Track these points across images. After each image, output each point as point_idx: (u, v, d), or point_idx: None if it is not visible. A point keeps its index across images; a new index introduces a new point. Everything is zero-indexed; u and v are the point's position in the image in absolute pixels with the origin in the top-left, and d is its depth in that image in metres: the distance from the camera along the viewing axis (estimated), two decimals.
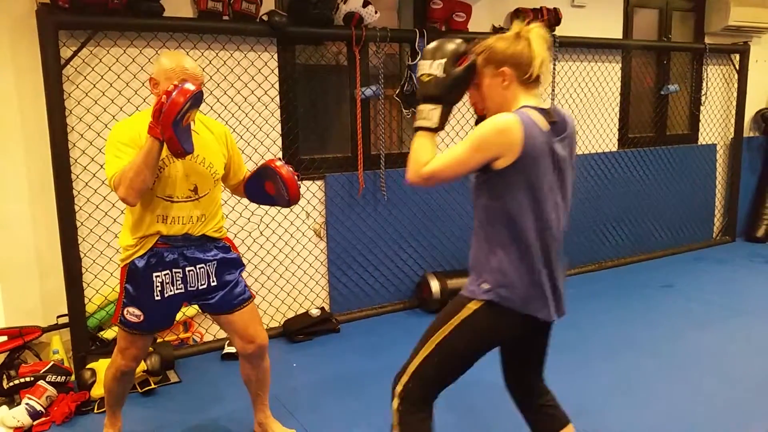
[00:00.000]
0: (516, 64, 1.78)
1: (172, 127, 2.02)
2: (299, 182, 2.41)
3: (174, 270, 2.35)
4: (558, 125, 1.79)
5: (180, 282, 2.37)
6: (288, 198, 2.41)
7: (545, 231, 1.82)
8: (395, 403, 1.89)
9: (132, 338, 2.41)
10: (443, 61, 1.80)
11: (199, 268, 2.39)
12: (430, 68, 1.82)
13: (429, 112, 1.82)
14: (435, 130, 1.83)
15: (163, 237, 2.31)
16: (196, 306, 2.61)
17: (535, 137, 1.71)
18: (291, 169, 2.41)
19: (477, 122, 1.93)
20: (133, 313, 2.35)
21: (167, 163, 2.25)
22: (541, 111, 1.77)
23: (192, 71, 2.25)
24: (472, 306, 1.81)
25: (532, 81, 1.81)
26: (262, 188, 2.48)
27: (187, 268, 2.36)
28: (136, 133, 2.21)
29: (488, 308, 1.80)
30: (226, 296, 2.45)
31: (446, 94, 1.82)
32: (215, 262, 2.42)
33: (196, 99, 2.10)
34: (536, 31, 1.79)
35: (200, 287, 2.40)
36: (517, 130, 1.68)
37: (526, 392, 2.09)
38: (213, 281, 2.43)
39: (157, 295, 2.33)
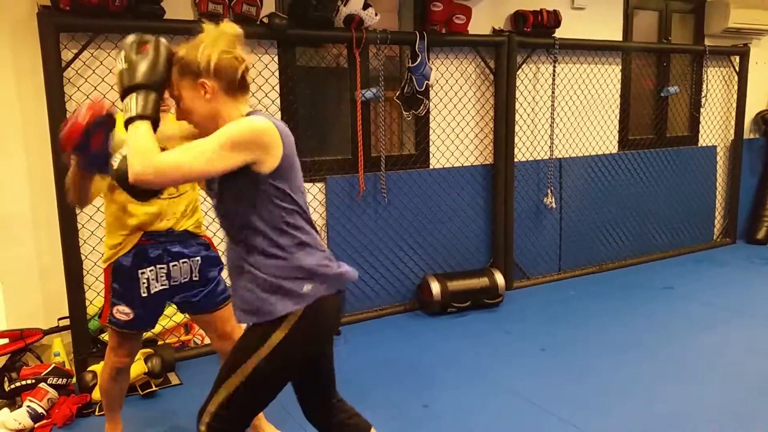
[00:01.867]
0: (216, 74, 1.66)
1: (75, 153, 1.92)
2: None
3: (158, 266, 2.38)
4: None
5: (164, 278, 2.40)
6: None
7: (311, 229, 1.77)
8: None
9: (124, 336, 2.43)
10: (123, 54, 1.68)
11: (183, 263, 2.42)
12: (118, 65, 1.70)
13: (126, 104, 1.65)
14: (143, 118, 1.62)
15: (146, 233, 2.34)
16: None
17: (288, 136, 1.69)
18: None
19: None
20: (122, 312, 2.37)
21: None
22: (269, 116, 1.72)
23: None
24: (277, 333, 1.69)
25: (241, 88, 1.73)
26: None
27: (171, 264, 2.40)
28: None
29: (288, 327, 1.69)
30: (209, 295, 2.48)
31: (134, 82, 1.64)
32: (199, 258, 2.46)
33: (101, 124, 1.88)
34: (228, 32, 1.70)
35: (183, 281, 2.43)
36: (274, 133, 1.64)
37: (327, 413, 1.98)
38: (195, 276, 2.46)
39: (144, 292, 2.37)
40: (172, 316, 3.58)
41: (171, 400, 3.19)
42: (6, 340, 3.22)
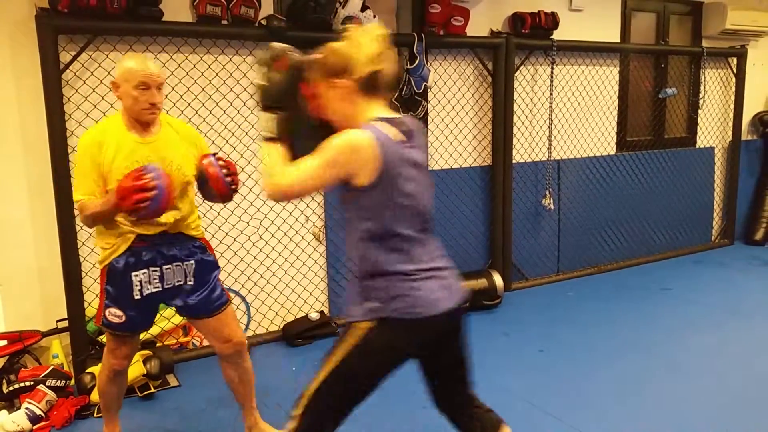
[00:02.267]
0: (345, 72, 1.71)
1: (126, 211, 2.18)
2: (228, 179, 2.34)
3: (152, 269, 2.37)
4: (408, 132, 1.76)
5: (157, 281, 2.39)
6: (215, 195, 2.39)
7: (413, 240, 1.76)
8: (291, 425, 1.83)
9: (119, 339, 2.43)
10: (263, 70, 1.79)
11: (176, 266, 2.41)
12: (258, 79, 1.81)
13: (266, 122, 1.79)
14: (279, 140, 1.78)
15: (140, 236, 2.33)
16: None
17: (389, 149, 1.67)
18: (220, 166, 2.34)
19: (317, 129, 1.88)
20: (114, 314, 2.36)
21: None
22: (391, 121, 1.73)
23: (147, 71, 2.25)
24: (363, 327, 1.74)
25: (372, 88, 1.74)
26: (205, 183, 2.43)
27: (164, 266, 2.39)
28: (95, 148, 2.27)
29: (379, 328, 1.73)
30: (205, 300, 2.47)
31: (274, 101, 1.79)
32: (193, 262, 2.44)
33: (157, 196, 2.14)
34: (367, 33, 1.73)
35: (176, 284, 2.42)
36: (371, 147, 1.64)
37: (457, 407, 2.00)
38: (190, 280, 2.44)
39: (137, 294, 2.35)
40: (170, 318, 3.58)
41: (169, 401, 3.19)
42: (4, 342, 3.22)
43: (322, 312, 4.13)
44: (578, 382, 3.28)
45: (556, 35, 4.81)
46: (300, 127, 1.84)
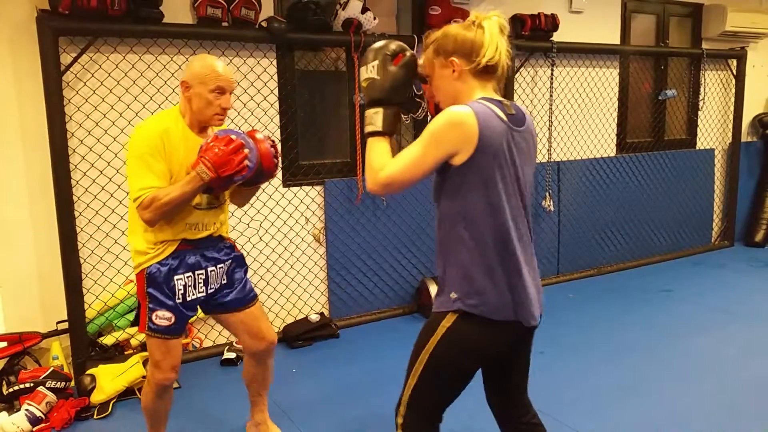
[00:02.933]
0: (466, 54, 1.70)
1: (226, 180, 2.14)
2: (276, 157, 2.34)
3: (197, 272, 2.33)
4: (516, 117, 1.70)
5: (202, 284, 2.36)
6: (262, 171, 2.32)
7: (507, 230, 1.67)
8: None
9: (166, 346, 2.31)
10: (377, 62, 1.76)
11: (219, 268, 2.41)
12: (368, 72, 1.78)
13: (372, 116, 1.77)
14: (384, 134, 1.76)
15: (185, 240, 2.29)
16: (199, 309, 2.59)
17: (493, 128, 1.62)
18: (270, 143, 2.35)
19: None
20: (163, 317, 2.28)
21: None
22: (497, 103, 1.69)
23: (225, 75, 2.23)
24: (446, 323, 1.69)
25: (487, 72, 1.72)
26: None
27: (209, 269, 2.37)
28: (158, 139, 2.17)
29: (462, 321, 1.67)
30: (239, 294, 2.47)
31: (385, 96, 1.76)
32: (230, 260, 2.45)
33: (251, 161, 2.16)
34: (492, 19, 1.71)
35: (216, 286, 2.42)
36: (471, 121, 1.59)
37: (507, 407, 1.97)
38: (224, 279, 2.45)
39: (179, 298, 2.30)
40: None
41: None
42: (5, 344, 3.22)
43: (322, 314, 4.13)
44: (579, 384, 3.28)
45: (556, 37, 4.82)
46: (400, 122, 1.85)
